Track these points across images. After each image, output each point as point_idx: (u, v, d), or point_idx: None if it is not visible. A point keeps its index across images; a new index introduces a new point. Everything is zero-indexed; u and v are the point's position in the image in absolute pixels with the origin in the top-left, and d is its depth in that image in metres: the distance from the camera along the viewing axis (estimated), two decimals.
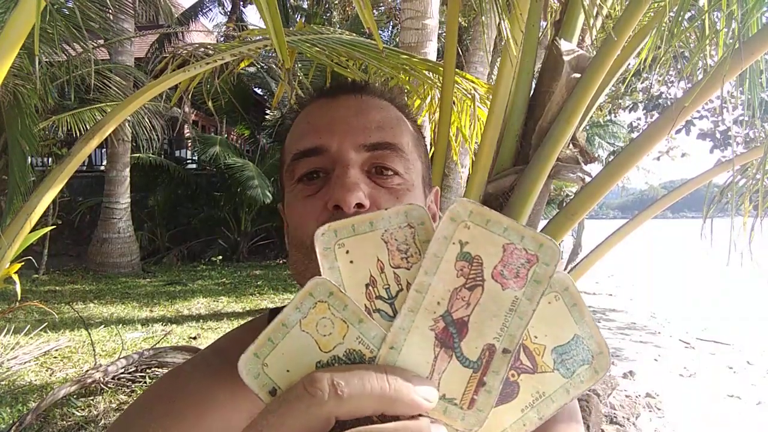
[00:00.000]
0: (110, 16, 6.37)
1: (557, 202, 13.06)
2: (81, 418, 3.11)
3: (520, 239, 0.32)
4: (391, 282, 0.33)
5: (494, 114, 1.60)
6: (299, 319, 0.32)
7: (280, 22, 0.89)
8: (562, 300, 0.34)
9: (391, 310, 0.33)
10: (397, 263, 0.33)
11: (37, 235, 3.03)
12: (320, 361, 0.32)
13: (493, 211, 0.33)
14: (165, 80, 2.05)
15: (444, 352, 0.33)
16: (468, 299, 0.32)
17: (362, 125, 0.56)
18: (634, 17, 1.49)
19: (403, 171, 0.56)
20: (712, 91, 1.52)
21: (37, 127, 3.91)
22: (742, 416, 3.92)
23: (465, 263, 0.32)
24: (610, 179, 1.64)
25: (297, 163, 0.56)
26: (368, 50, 2.20)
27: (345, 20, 12.26)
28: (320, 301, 0.32)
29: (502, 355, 0.32)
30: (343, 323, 0.32)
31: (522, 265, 0.32)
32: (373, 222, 0.33)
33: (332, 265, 0.33)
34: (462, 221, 0.33)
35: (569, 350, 0.34)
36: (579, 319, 0.34)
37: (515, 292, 0.32)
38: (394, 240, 0.33)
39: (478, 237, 0.32)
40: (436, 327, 0.33)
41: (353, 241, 0.33)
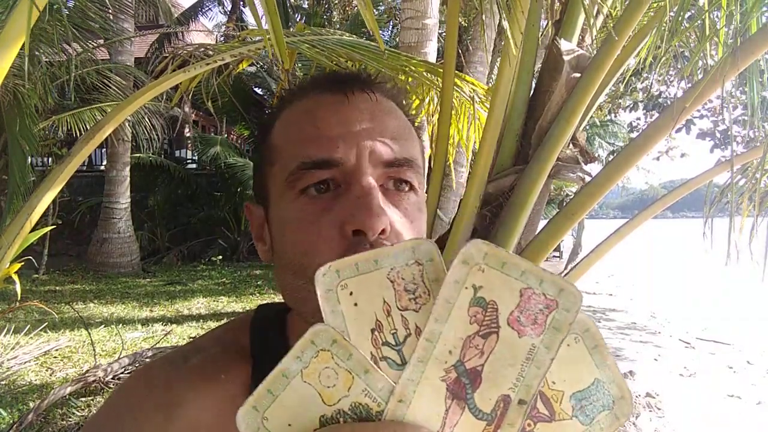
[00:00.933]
0: (110, 16, 6.37)
1: (557, 202, 13.06)
2: (81, 418, 3.11)
3: (538, 283, 0.30)
4: (399, 326, 0.31)
5: (494, 114, 1.60)
6: (301, 369, 0.31)
7: (280, 25, 0.89)
8: (582, 342, 0.32)
9: (399, 358, 0.31)
10: (405, 305, 0.31)
11: (37, 235, 3.03)
12: (324, 415, 0.31)
13: (510, 253, 0.31)
14: (165, 80, 2.05)
15: (456, 404, 0.31)
16: (482, 347, 0.31)
17: (380, 134, 0.50)
18: (635, 17, 1.49)
19: (418, 186, 0.52)
20: (712, 91, 1.52)
21: (37, 127, 3.92)
22: (742, 416, 3.92)
23: (479, 309, 0.31)
24: (610, 179, 1.64)
25: (306, 173, 0.49)
26: (368, 51, 2.20)
27: (345, 20, 12.26)
28: (323, 350, 0.31)
29: (518, 407, 0.31)
30: (348, 374, 0.31)
31: (540, 311, 0.31)
32: (378, 260, 0.31)
33: (335, 309, 0.31)
34: (476, 264, 0.31)
35: (589, 396, 0.32)
36: (600, 363, 0.32)
37: (533, 339, 0.31)
38: (401, 279, 0.31)
39: (494, 281, 0.31)
40: (447, 378, 0.31)
41: (357, 281, 0.31)
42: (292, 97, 0.55)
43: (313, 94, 0.54)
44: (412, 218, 0.50)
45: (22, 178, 3.57)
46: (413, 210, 0.51)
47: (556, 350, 0.31)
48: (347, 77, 0.54)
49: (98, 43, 6.67)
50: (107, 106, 6.26)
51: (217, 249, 11.15)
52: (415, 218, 0.51)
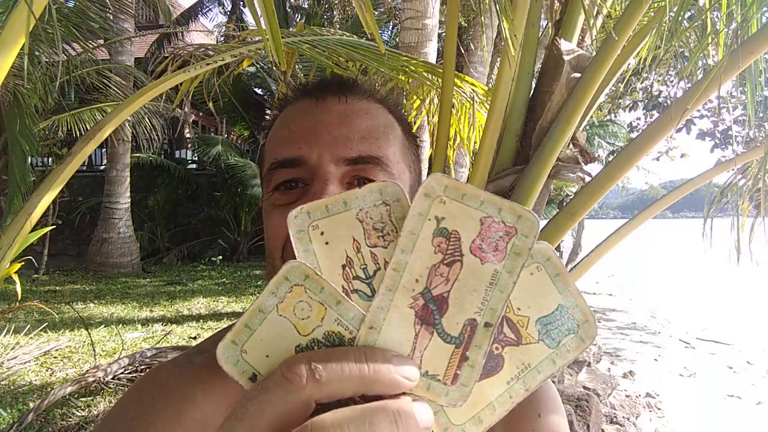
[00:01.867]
0: (110, 16, 6.37)
1: (557, 202, 13.06)
2: (81, 418, 3.11)
3: (497, 212, 0.32)
4: (369, 261, 0.33)
5: (494, 114, 1.60)
6: (276, 303, 0.32)
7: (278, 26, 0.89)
8: (544, 270, 0.33)
9: (369, 290, 0.32)
10: (374, 242, 0.33)
11: (37, 235, 3.03)
12: (299, 345, 0.32)
13: (469, 184, 0.32)
14: (165, 80, 2.05)
15: (425, 330, 0.32)
16: (447, 275, 0.32)
17: (345, 135, 0.54)
18: (635, 17, 1.49)
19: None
20: (712, 91, 1.52)
21: (37, 127, 3.92)
22: (742, 416, 3.92)
23: (442, 239, 0.32)
24: (610, 179, 1.64)
25: (274, 172, 0.55)
26: (368, 52, 2.20)
27: (345, 20, 12.26)
28: (296, 285, 0.32)
29: (484, 329, 0.32)
30: (320, 306, 0.32)
31: (500, 238, 0.32)
32: (347, 201, 0.33)
33: (307, 248, 0.32)
34: (437, 196, 0.32)
35: (554, 320, 0.34)
36: (563, 289, 0.34)
37: (495, 265, 0.32)
38: (370, 219, 0.33)
39: (455, 212, 0.32)
40: (415, 305, 0.32)
41: (327, 222, 0.33)
42: (283, 105, 0.61)
43: (295, 100, 0.59)
44: None
45: (22, 178, 3.57)
46: None
47: (517, 274, 0.32)
48: (323, 83, 0.59)
49: (98, 43, 6.67)
50: (107, 106, 6.26)
51: (217, 249, 11.16)
52: None
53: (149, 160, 10.41)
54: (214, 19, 35.63)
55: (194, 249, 11.34)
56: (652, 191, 18.81)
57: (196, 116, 14.33)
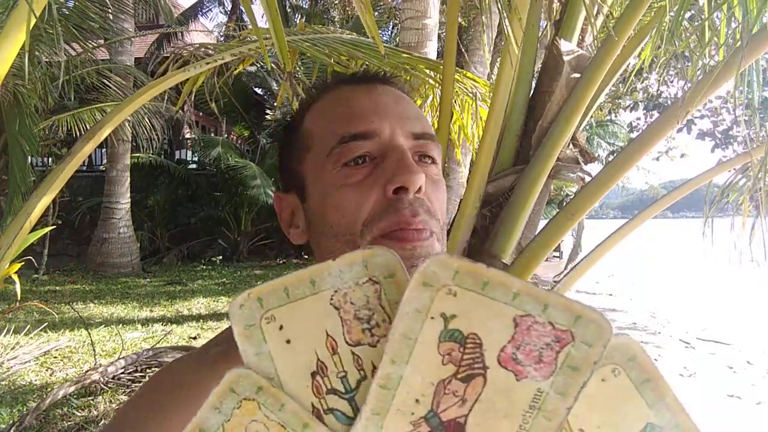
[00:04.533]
0: (110, 16, 6.37)
1: (557, 202, 13.06)
2: (81, 419, 3.11)
3: (541, 309, 0.23)
4: (349, 368, 0.24)
5: (494, 114, 1.60)
6: (222, 422, 0.25)
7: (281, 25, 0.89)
8: (625, 374, 0.24)
9: (350, 409, 0.24)
10: (357, 338, 0.24)
11: (37, 235, 3.03)
12: None
13: (492, 269, 0.23)
14: (165, 80, 2.05)
15: None
16: (463, 394, 0.24)
17: (406, 114, 0.56)
18: (635, 17, 1.49)
19: (438, 160, 0.58)
20: (712, 91, 1.52)
21: (37, 127, 3.92)
22: (742, 416, 3.92)
23: (454, 345, 0.23)
24: (610, 179, 1.64)
25: (346, 146, 0.53)
26: (369, 50, 2.20)
27: (345, 21, 12.26)
28: (246, 399, 0.24)
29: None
30: (281, 429, 0.24)
31: (547, 345, 0.23)
32: (315, 280, 0.24)
33: (259, 350, 0.24)
34: (442, 286, 0.23)
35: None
36: (654, 402, 0.24)
37: (538, 383, 0.23)
38: (350, 304, 0.24)
39: (472, 307, 0.23)
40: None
41: (288, 310, 0.24)
42: (320, 92, 0.61)
43: (342, 86, 0.60)
44: (438, 185, 0.56)
45: (22, 178, 3.57)
46: (438, 179, 0.56)
47: (574, 397, 0.23)
48: (369, 74, 0.62)
49: (98, 43, 6.67)
50: (107, 106, 6.26)
51: (217, 249, 11.15)
52: (440, 186, 0.56)
53: (149, 160, 10.40)
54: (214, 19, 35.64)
55: (194, 249, 11.34)
56: (652, 191, 18.80)
57: (196, 116, 14.31)
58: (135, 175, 9.71)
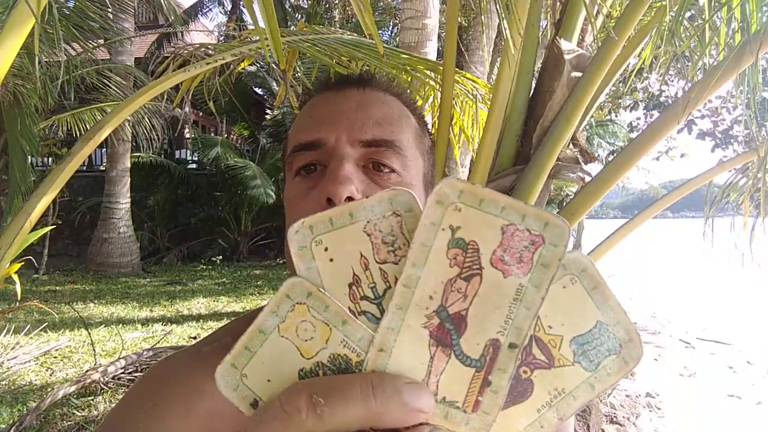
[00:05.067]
0: (110, 15, 6.37)
1: (557, 202, 13.06)
2: (81, 418, 3.11)
3: (521, 219, 0.28)
4: (378, 280, 0.30)
5: (494, 114, 1.60)
6: (277, 324, 0.30)
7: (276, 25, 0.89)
8: (579, 283, 0.30)
9: (378, 311, 0.29)
10: (384, 258, 0.30)
11: (37, 235, 3.03)
12: (303, 369, 0.29)
13: (487, 189, 0.29)
14: (165, 80, 2.05)
15: (441, 351, 0.29)
16: (465, 291, 0.29)
17: (362, 120, 0.56)
18: (635, 16, 1.49)
19: (400, 168, 0.55)
20: (712, 91, 1.52)
21: (37, 127, 3.92)
22: (742, 416, 3.92)
23: (458, 250, 0.29)
24: (610, 179, 1.64)
25: (295, 155, 0.57)
26: (370, 50, 2.20)
27: (346, 21, 12.25)
28: (299, 303, 0.29)
29: (509, 351, 0.29)
30: (325, 326, 0.29)
31: (525, 248, 0.28)
32: (353, 213, 0.30)
33: (309, 266, 0.30)
34: (451, 203, 0.28)
35: (591, 339, 0.30)
36: (601, 304, 0.30)
37: (519, 279, 0.28)
38: (379, 232, 0.30)
39: (472, 220, 0.28)
40: (430, 324, 0.29)
41: (332, 236, 0.30)
42: (306, 98, 0.64)
43: (319, 93, 0.62)
44: None
45: (22, 178, 3.57)
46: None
47: (546, 288, 0.28)
48: (344, 77, 0.62)
49: (98, 43, 6.67)
50: (107, 106, 6.26)
51: (217, 249, 11.16)
52: None
53: (149, 160, 10.40)
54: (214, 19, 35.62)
55: (194, 249, 11.34)
56: (652, 191, 18.81)
57: (196, 116, 14.33)
58: (135, 175, 9.71)
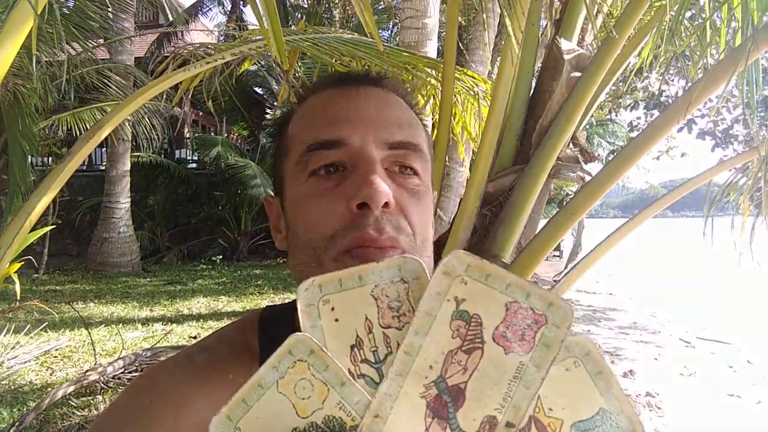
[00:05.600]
0: (110, 15, 6.36)
1: (557, 201, 13.06)
2: (81, 418, 3.11)
3: (525, 297, 0.29)
4: (380, 344, 0.30)
5: (494, 113, 1.60)
6: (276, 379, 0.30)
7: (279, 24, 0.89)
8: (583, 367, 0.30)
9: (377, 376, 0.30)
10: (388, 323, 0.30)
11: (37, 234, 3.03)
12: (297, 428, 0.29)
13: (494, 264, 0.30)
14: (165, 79, 2.05)
15: (437, 424, 0.29)
16: (465, 363, 0.29)
17: (385, 121, 0.53)
18: (635, 16, 1.49)
19: (422, 171, 0.54)
20: (713, 90, 1.52)
21: (37, 127, 3.92)
22: (742, 416, 3.92)
23: (462, 323, 0.29)
24: (610, 178, 1.64)
25: (313, 154, 0.51)
26: (370, 49, 2.20)
27: (346, 20, 12.25)
28: (300, 360, 0.30)
29: (505, 429, 0.29)
30: (323, 386, 0.29)
31: (528, 326, 0.29)
32: (362, 276, 0.30)
33: (315, 324, 0.30)
34: (458, 276, 0.29)
35: (593, 427, 0.29)
36: (605, 391, 0.29)
37: (520, 357, 0.29)
38: (386, 296, 0.30)
39: (477, 294, 0.29)
40: (427, 394, 0.29)
41: (340, 297, 0.30)
42: (308, 93, 0.59)
43: (327, 89, 0.57)
44: (419, 197, 0.52)
45: (22, 178, 3.57)
46: (419, 191, 0.53)
47: (546, 369, 0.29)
48: (357, 75, 0.59)
49: (98, 43, 6.67)
50: (107, 106, 6.26)
51: (217, 249, 11.15)
52: (422, 198, 0.53)
53: (149, 160, 10.40)
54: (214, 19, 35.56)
55: (194, 249, 11.34)
56: (652, 190, 18.79)
57: (195, 116, 14.32)
58: (135, 175, 9.70)
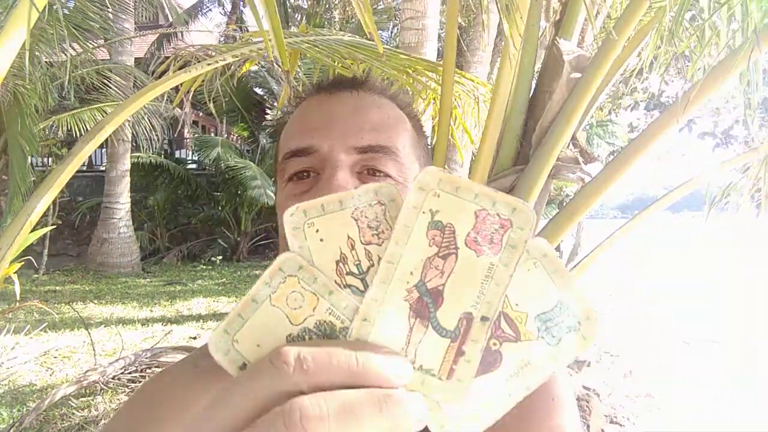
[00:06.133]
0: (110, 15, 6.37)
1: (557, 202, 13.05)
2: (81, 419, 3.11)
3: (492, 205, 0.32)
4: (362, 258, 0.33)
5: (494, 114, 1.60)
6: (269, 294, 0.32)
7: (279, 25, 0.89)
8: (542, 266, 0.33)
9: (362, 285, 0.32)
10: (368, 240, 0.33)
11: (37, 235, 3.03)
12: (291, 335, 0.32)
13: (463, 177, 0.32)
14: (166, 81, 2.05)
15: (419, 323, 0.32)
16: (442, 268, 0.32)
17: (356, 125, 0.55)
18: (635, 16, 1.49)
19: (396, 174, 0.55)
20: (713, 91, 1.52)
21: (37, 127, 3.92)
22: (742, 416, 3.92)
23: (437, 232, 0.32)
24: (610, 179, 1.64)
25: (287, 162, 0.56)
26: (370, 51, 2.20)
27: (346, 21, 12.24)
28: (290, 276, 0.32)
29: (481, 323, 0.32)
30: (313, 296, 0.32)
31: (496, 230, 0.32)
32: (342, 201, 0.33)
33: (302, 245, 0.33)
34: (431, 190, 0.32)
35: (553, 317, 0.33)
36: (561, 285, 0.33)
37: (490, 258, 0.32)
38: (365, 217, 0.33)
39: (449, 205, 0.32)
40: (410, 297, 0.32)
41: (323, 220, 0.33)
42: (298, 102, 0.63)
43: (308, 98, 0.61)
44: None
45: (22, 178, 3.57)
46: None
47: (514, 267, 0.32)
48: (337, 80, 0.61)
49: (98, 43, 6.67)
50: (107, 106, 6.26)
51: (217, 249, 11.15)
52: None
53: (149, 160, 10.39)
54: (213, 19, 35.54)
55: (194, 249, 11.33)
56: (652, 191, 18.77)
57: (196, 116, 14.32)
58: (135, 175, 9.70)
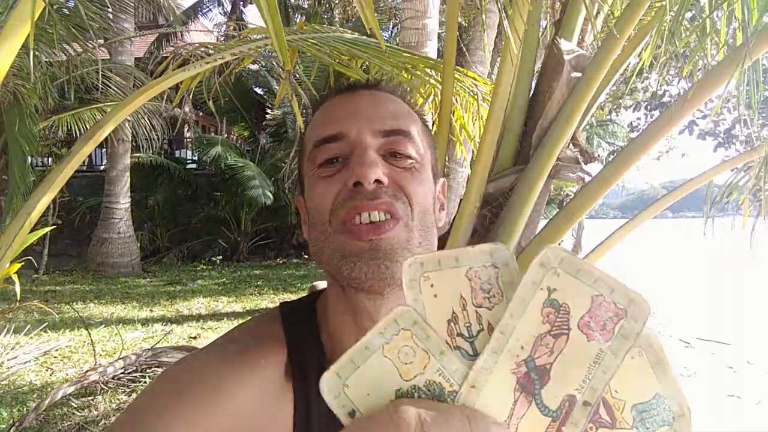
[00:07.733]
0: (110, 15, 6.36)
1: (557, 202, 13.06)
2: (81, 419, 3.11)
3: (610, 292, 0.32)
4: (473, 321, 0.33)
5: (494, 114, 1.60)
6: (382, 344, 0.33)
7: (280, 23, 0.89)
8: (645, 356, 0.33)
9: (471, 349, 0.33)
10: (480, 302, 0.33)
11: (37, 235, 3.02)
12: (400, 389, 0.33)
13: (585, 261, 0.33)
14: (165, 80, 2.05)
15: (524, 398, 0.32)
16: (552, 347, 0.32)
17: (378, 114, 0.61)
18: (635, 16, 1.48)
19: (416, 155, 0.60)
20: (713, 91, 1.52)
21: (37, 127, 3.92)
22: (742, 416, 3.91)
23: (552, 310, 0.32)
24: (610, 179, 1.64)
25: (318, 149, 0.60)
26: (370, 49, 2.19)
27: (346, 20, 12.24)
28: (404, 329, 0.33)
29: (582, 407, 0.32)
30: (424, 353, 0.33)
31: (610, 318, 0.32)
32: (458, 258, 0.34)
33: (416, 297, 0.33)
34: (552, 268, 0.33)
35: (649, 409, 0.33)
36: (662, 378, 0.33)
37: (600, 344, 0.32)
38: (478, 278, 0.34)
39: (567, 285, 0.32)
40: (518, 371, 0.32)
41: (438, 275, 0.34)
42: (319, 103, 0.68)
43: (332, 97, 0.67)
44: (412, 173, 0.60)
45: (22, 178, 3.57)
46: (413, 167, 0.60)
47: (622, 357, 0.32)
48: (354, 83, 0.69)
49: (98, 43, 6.67)
50: (107, 106, 6.25)
51: (217, 249, 11.15)
52: (417, 173, 0.60)
53: (149, 160, 10.39)
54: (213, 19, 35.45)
55: (194, 249, 11.33)
56: (652, 191, 18.79)
57: (196, 116, 14.31)
58: (135, 175, 9.70)
